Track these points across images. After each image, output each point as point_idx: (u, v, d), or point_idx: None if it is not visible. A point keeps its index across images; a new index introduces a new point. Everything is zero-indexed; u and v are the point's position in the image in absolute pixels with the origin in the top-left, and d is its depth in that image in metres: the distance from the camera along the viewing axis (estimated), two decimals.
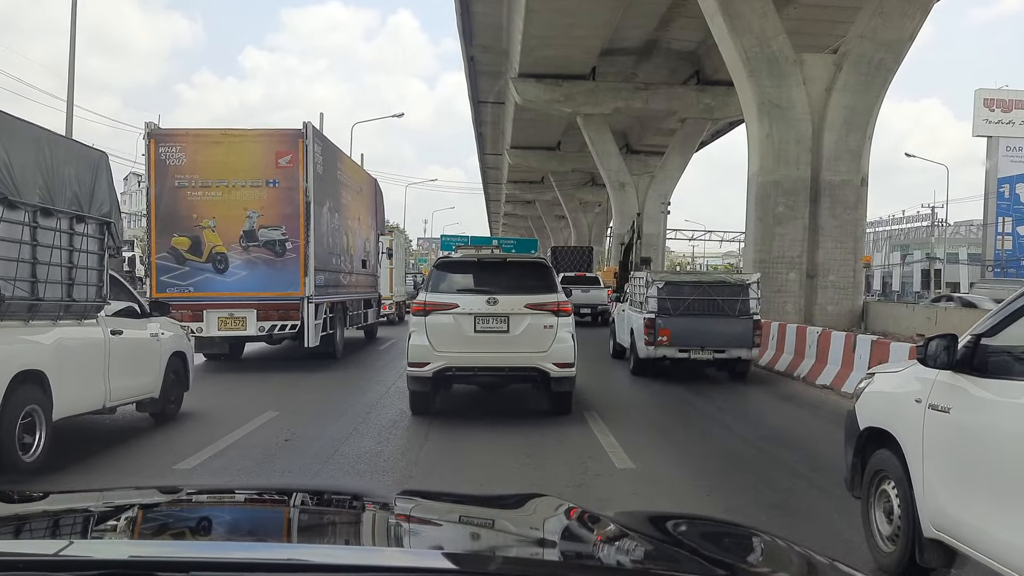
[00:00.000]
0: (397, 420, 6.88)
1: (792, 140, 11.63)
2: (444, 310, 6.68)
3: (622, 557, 1.27)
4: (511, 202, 52.09)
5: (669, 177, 21.61)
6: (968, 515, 2.77)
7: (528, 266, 7.35)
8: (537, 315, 6.66)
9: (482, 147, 36.87)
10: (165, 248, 9.74)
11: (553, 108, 20.54)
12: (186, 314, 9.74)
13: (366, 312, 14.48)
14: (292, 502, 1.59)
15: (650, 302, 9.43)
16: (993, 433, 2.71)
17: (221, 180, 9.83)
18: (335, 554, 1.19)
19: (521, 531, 1.43)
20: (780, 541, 1.34)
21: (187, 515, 1.49)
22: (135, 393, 6.03)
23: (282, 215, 9.93)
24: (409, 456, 5.71)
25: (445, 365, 6.60)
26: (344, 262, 12.29)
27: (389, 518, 1.53)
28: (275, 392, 8.46)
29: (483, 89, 23.72)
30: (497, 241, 42.76)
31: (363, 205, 14.19)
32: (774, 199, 11.75)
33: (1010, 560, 2.47)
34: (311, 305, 9.95)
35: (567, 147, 31.37)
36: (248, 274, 9.83)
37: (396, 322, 19.30)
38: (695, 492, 4.67)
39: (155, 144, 9.72)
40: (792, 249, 11.75)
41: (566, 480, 4.85)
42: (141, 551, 1.13)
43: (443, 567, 1.07)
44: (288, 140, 9.98)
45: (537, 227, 56.62)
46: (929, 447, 3.00)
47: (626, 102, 19.80)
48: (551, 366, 6.57)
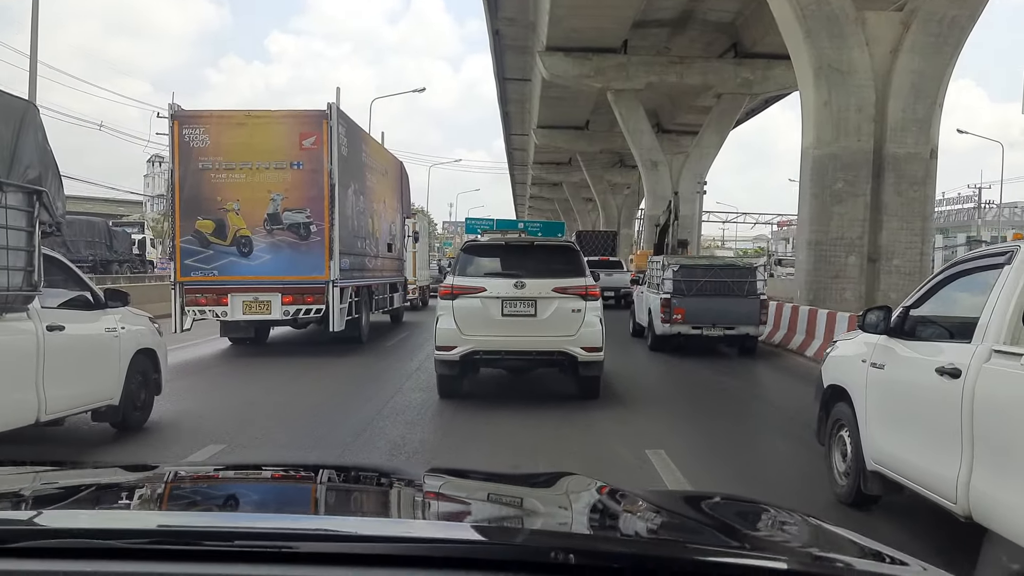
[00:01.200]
0: (422, 406, 6.84)
1: (853, 108, 10.52)
2: (472, 294, 6.73)
3: (650, 533, 1.29)
4: (537, 184, 51.67)
5: (704, 156, 20.95)
6: (895, 449, 3.54)
7: (556, 250, 7.40)
8: (565, 299, 6.71)
9: (508, 127, 36.51)
10: (189, 231, 9.78)
11: (582, 83, 20.03)
12: (211, 298, 9.81)
13: (392, 296, 14.47)
14: (319, 478, 1.61)
15: (666, 284, 10.48)
16: (911, 383, 3.47)
17: (245, 162, 9.81)
18: (362, 525, 1.19)
19: (549, 507, 1.44)
20: (817, 522, 1.33)
21: (214, 489, 1.52)
22: (85, 401, 5.04)
23: (306, 198, 9.89)
24: (434, 440, 5.67)
25: (472, 349, 6.66)
26: (369, 245, 12.25)
27: (416, 493, 1.55)
28: (285, 388, 8.01)
29: (509, 65, 23.32)
30: (523, 224, 42.49)
31: (388, 188, 14.11)
32: (832, 174, 10.67)
33: (921, 479, 3.31)
34: (336, 289, 9.93)
35: (596, 126, 30.85)
36: (272, 257, 9.84)
37: (420, 307, 19.28)
38: (706, 461, 5.20)
39: (179, 126, 9.73)
40: (852, 230, 10.73)
41: (589, 453, 5.27)
42: (170, 521, 1.16)
43: (471, 538, 1.08)
44: (312, 121, 9.91)
45: (564, 210, 56.14)
46: (870, 397, 3.77)
47: (659, 76, 19.22)
48: (579, 350, 6.63)
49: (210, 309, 9.84)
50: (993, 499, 2.79)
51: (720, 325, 10.33)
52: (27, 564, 0.93)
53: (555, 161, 40.27)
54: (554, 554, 0.93)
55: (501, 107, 31.55)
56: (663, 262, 11.02)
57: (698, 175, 20.35)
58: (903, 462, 3.47)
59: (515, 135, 37.17)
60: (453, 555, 0.97)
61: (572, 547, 0.97)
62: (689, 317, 10.31)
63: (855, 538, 1.20)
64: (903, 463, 3.47)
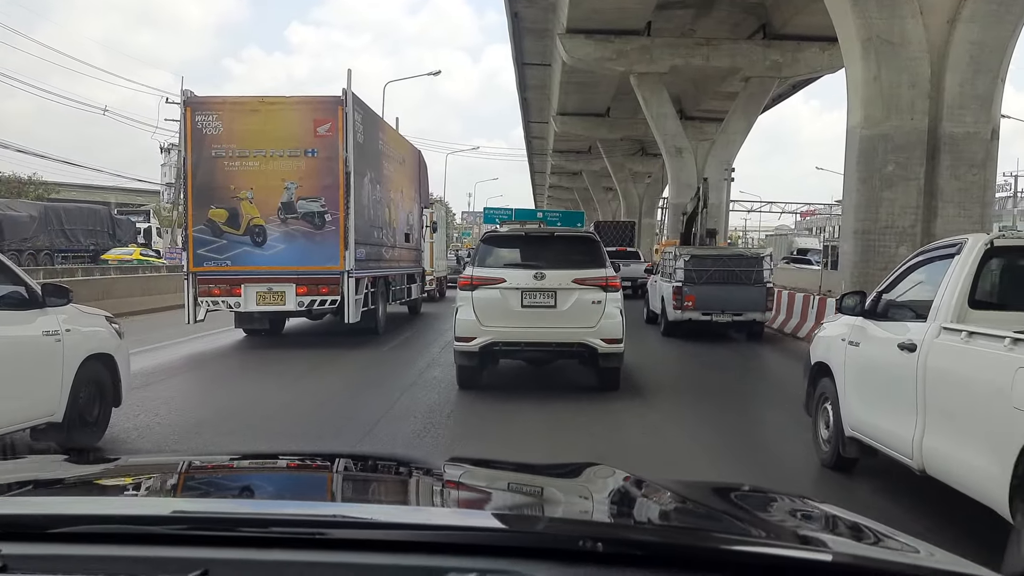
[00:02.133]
0: (439, 400, 6.66)
1: (905, 83, 9.59)
2: (491, 284, 6.75)
3: (677, 522, 1.30)
4: (556, 173, 51.23)
5: (731, 142, 20.33)
6: (867, 416, 4.08)
7: (576, 240, 7.34)
8: (585, 290, 6.72)
9: (527, 115, 36.14)
10: (202, 220, 9.69)
11: (604, 67, 19.48)
12: (224, 288, 9.73)
13: (409, 287, 14.36)
14: (335, 467, 1.63)
15: (678, 272, 11.20)
16: (879, 357, 3.99)
17: (258, 150, 9.69)
18: (380, 512, 1.21)
19: (571, 496, 1.46)
20: (844, 514, 1.32)
21: (241, 478, 1.55)
22: (14, 420, 4.24)
23: (321, 186, 9.75)
24: (448, 427, 5.52)
25: (492, 340, 6.70)
26: (386, 235, 12.10)
27: (435, 482, 1.55)
28: (293, 386, 7.61)
29: (528, 50, 22.89)
30: (542, 214, 42.23)
31: (406, 177, 13.95)
32: (881, 156, 9.74)
33: (887, 441, 3.83)
34: (351, 279, 9.80)
35: (617, 113, 30.38)
36: (287, 247, 9.72)
37: (437, 298, 19.22)
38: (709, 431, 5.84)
39: (191, 113, 9.62)
40: (903, 218, 9.78)
41: (606, 427, 5.79)
42: (206, 507, 1.19)
43: (491, 526, 1.09)
44: (327, 108, 9.75)
45: (584, 199, 55.65)
46: (847, 372, 4.34)
47: (684, 59, 18.65)
48: (599, 342, 6.66)
49: (223, 300, 9.76)
50: (940, 455, 3.39)
51: (728, 311, 11.00)
52: (68, 549, 0.96)
53: (575, 149, 39.82)
54: (582, 542, 0.93)
55: (520, 94, 31.19)
56: (675, 252, 11.78)
57: (724, 162, 19.76)
58: (873, 427, 4.05)
59: (534, 123, 36.78)
60: (482, 542, 0.97)
61: (600, 535, 0.97)
62: (699, 304, 11.00)
63: (885, 530, 1.19)
64: (873, 428, 4.05)
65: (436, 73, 29.11)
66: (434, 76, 32.04)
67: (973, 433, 3.18)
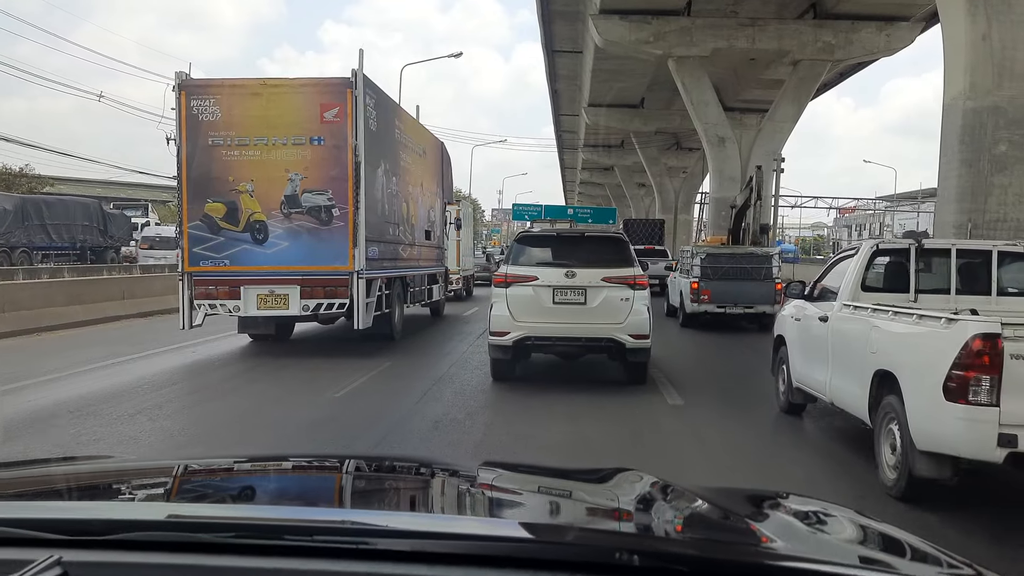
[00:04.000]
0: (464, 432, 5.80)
1: (1022, 44, 7.99)
2: (524, 282, 7.14)
3: (704, 532, 1.29)
4: (588, 169, 50.17)
5: (778, 130, 18.91)
6: (803, 370, 5.79)
7: (605, 240, 7.66)
8: (613, 288, 7.11)
9: (557, 107, 35.15)
10: (198, 216, 8.98)
11: (640, 50, 18.21)
12: (222, 291, 9.02)
13: (430, 288, 13.58)
14: (345, 468, 1.65)
15: (695, 269, 12.61)
16: (809, 327, 5.73)
17: (260, 138, 8.94)
18: (408, 520, 1.19)
19: (600, 502, 1.44)
20: (884, 526, 1.29)
21: (274, 482, 1.56)
22: None
23: (328, 177, 8.97)
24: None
25: (525, 335, 7.08)
26: (404, 232, 11.31)
27: (461, 485, 1.54)
28: (279, 404, 7.04)
29: (558, 35, 21.80)
30: (573, 211, 41.35)
31: (427, 170, 13.14)
32: (992, 133, 8.11)
33: (814, 386, 5.56)
34: (362, 281, 9.00)
35: (651, 104, 29.23)
36: (290, 245, 8.96)
37: (464, 297, 19.04)
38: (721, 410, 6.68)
39: (186, 97, 8.92)
40: (1019, 208, 8.26)
41: (632, 409, 6.50)
42: (247, 514, 1.18)
43: (518, 536, 1.07)
44: (334, 91, 8.96)
45: (616, 195, 54.47)
46: (792, 339, 6.12)
47: (727, 41, 17.33)
48: (627, 337, 7.04)
49: (221, 303, 9.05)
50: (838, 390, 5.04)
51: (741, 304, 12.31)
52: (106, 555, 0.96)
53: (607, 144, 38.74)
54: (618, 554, 0.92)
55: (550, 85, 30.21)
56: (692, 250, 13.25)
57: (771, 152, 18.40)
58: (808, 378, 5.65)
59: (564, 115, 35.78)
60: (513, 554, 0.95)
61: (635, 547, 0.96)
62: (714, 298, 12.37)
63: (925, 546, 1.17)
64: (808, 378, 5.65)
65: (458, 55, 27.59)
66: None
67: (852, 372, 4.75)
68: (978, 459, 3.64)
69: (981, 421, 3.53)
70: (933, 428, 3.78)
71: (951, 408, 3.62)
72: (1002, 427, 3.50)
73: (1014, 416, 3.50)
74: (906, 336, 4.17)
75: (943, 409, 3.66)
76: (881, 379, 4.29)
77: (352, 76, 8.92)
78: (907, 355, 4.14)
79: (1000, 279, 5.20)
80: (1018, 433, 3.49)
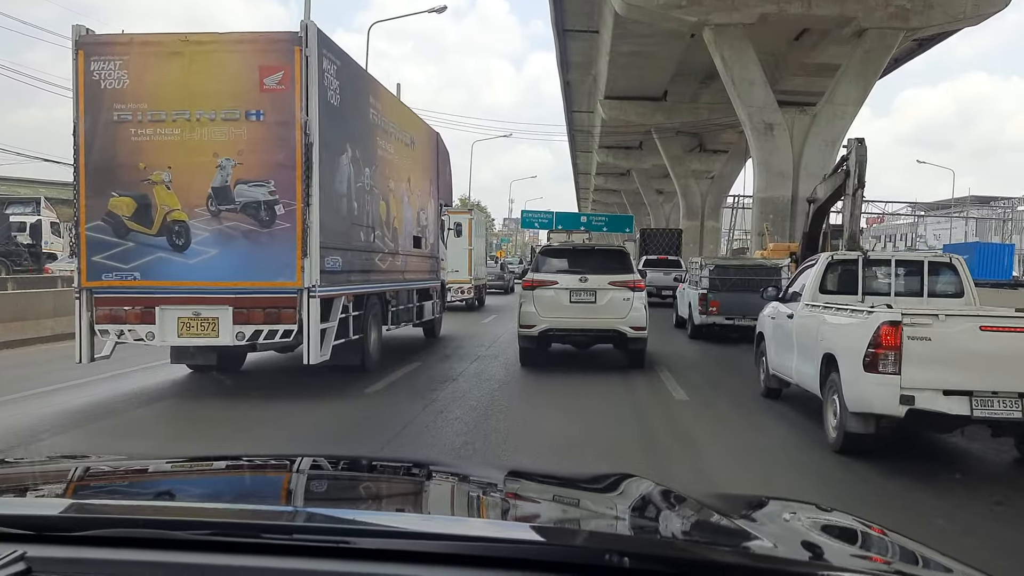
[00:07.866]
0: None
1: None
2: (547, 285, 9.27)
3: (701, 536, 1.34)
4: (602, 174, 48.33)
5: (839, 115, 16.40)
6: (777, 359, 7.30)
7: (611, 253, 9.93)
8: (618, 290, 9.23)
9: (569, 103, 33.35)
10: (99, 214, 7.09)
11: (669, 17, 15.93)
12: (131, 312, 7.11)
13: (421, 305, 11.65)
14: (374, 472, 1.72)
15: (703, 281, 13.11)
16: (780, 323, 7.27)
17: (180, 111, 7.05)
18: (403, 520, 1.23)
19: (606, 509, 1.49)
20: (882, 532, 1.34)
21: (273, 481, 1.63)
22: None
23: (270, 164, 7.08)
24: None
25: (547, 327, 9.20)
26: (382, 238, 9.39)
27: (470, 490, 1.62)
28: None
29: (570, 11, 19.70)
30: (586, 218, 39.41)
31: (416, 163, 11.23)
32: None
33: (784, 372, 7.06)
34: (314, 300, 7.09)
35: (675, 97, 27.35)
36: (219, 253, 7.04)
37: (476, 307, 19.10)
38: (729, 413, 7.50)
39: (84, 58, 7.06)
40: None
41: (643, 407, 7.58)
42: (228, 511, 1.20)
43: (525, 538, 1.11)
44: (278, 49, 7.08)
45: (633, 203, 52.52)
46: (769, 335, 7.70)
47: (778, 6, 14.78)
48: (628, 329, 9.19)
49: (130, 328, 7.14)
50: (799, 372, 6.54)
51: (749, 316, 11.72)
52: (73, 551, 0.97)
53: (624, 144, 36.84)
54: (608, 556, 0.96)
55: (561, 75, 28.41)
56: (700, 263, 13.80)
57: (831, 141, 16.05)
58: (780, 366, 7.22)
59: (577, 112, 33.99)
60: (508, 555, 1.00)
61: (626, 549, 0.99)
62: (723, 309, 12.82)
63: (923, 550, 1.20)
64: (780, 366, 7.22)
65: (441, 10, 24.26)
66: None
67: (809, 357, 6.19)
68: (887, 414, 4.95)
69: (888, 385, 4.87)
70: (858, 393, 5.12)
71: (869, 377, 4.98)
72: (903, 390, 4.83)
73: (912, 381, 4.83)
74: (842, 326, 5.64)
75: (864, 378, 5.02)
76: (827, 360, 5.70)
77: (302, 31, 7.04)
78: (843, 340, 5.52)
79: (931, 283, 6.93)
80: (915, 394, 4.81)
